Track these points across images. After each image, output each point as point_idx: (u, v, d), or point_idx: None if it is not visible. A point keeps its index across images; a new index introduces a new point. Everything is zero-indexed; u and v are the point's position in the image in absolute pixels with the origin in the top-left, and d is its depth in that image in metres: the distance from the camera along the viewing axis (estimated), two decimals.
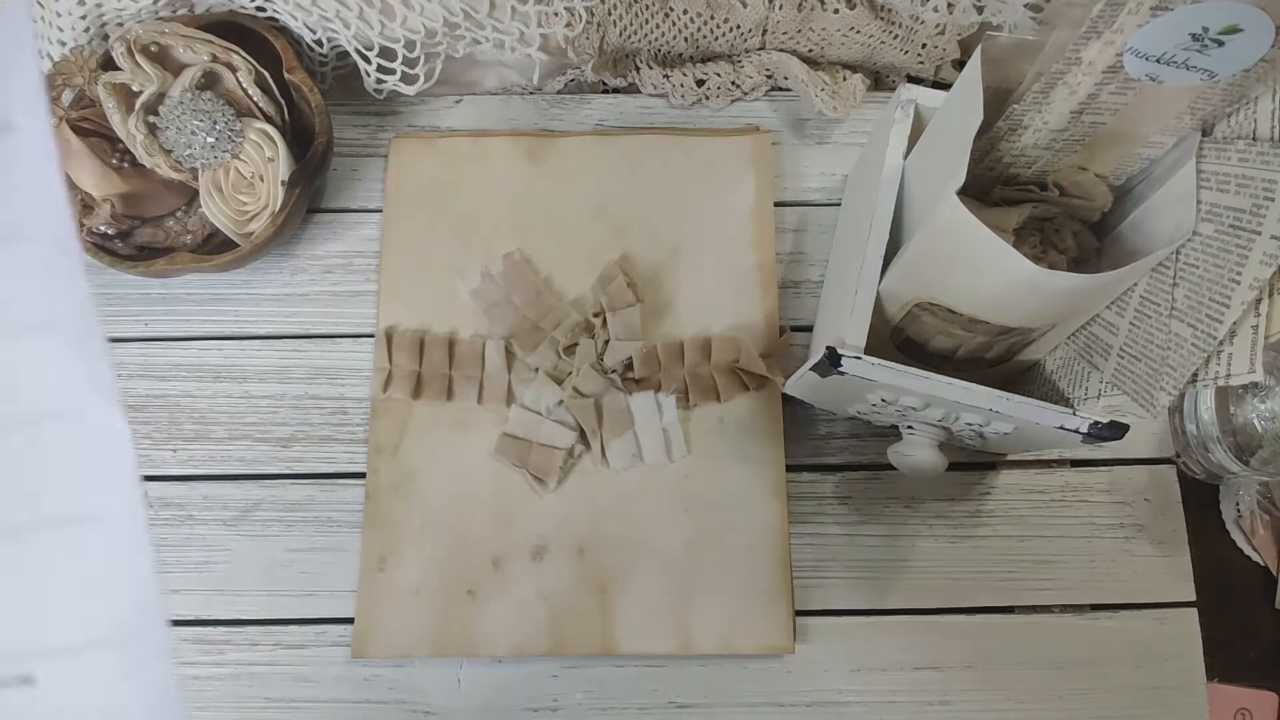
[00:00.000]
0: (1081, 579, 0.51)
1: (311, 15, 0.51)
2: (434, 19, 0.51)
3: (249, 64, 0.50)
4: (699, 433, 0.52)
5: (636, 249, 0.55)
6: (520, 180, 0.56)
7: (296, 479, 0.52)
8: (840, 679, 0.50)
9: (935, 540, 0.52)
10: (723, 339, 0.53)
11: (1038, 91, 0.39)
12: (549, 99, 0.59)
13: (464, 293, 0.54)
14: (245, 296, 0.55)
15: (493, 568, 0.50)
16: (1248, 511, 0.53)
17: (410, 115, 0.58)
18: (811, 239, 0.56)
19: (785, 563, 0.50)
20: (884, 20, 0.55)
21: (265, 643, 0.50)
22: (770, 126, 0.58)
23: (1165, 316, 0.38)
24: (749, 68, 0.57)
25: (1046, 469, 0.53)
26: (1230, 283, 0.34)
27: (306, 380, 0.54)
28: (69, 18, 0.49)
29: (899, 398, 0.43)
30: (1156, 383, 0.37)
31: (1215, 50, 0.33)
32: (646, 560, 0.50)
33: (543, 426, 0.51)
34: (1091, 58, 0.36)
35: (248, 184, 0.51)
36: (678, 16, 0.55)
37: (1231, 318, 0.34)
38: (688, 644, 0.49)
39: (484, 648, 0.49)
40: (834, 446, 0.53)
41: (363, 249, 0.56)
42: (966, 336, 0.44)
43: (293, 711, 0.49)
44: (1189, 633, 0.50)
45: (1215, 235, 0.36)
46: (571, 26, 0.53)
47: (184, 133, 0.49)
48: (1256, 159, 0.35)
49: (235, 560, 0.51)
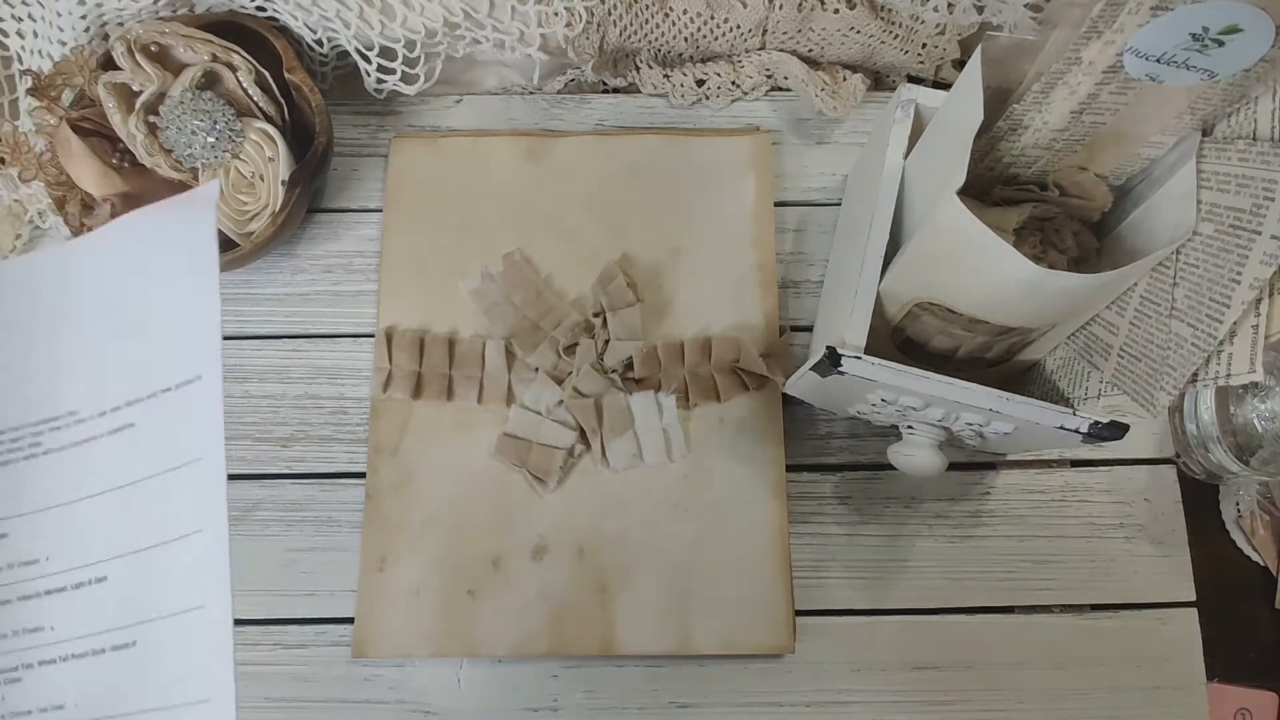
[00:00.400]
0: (1081, 579, 0.51)
1: (311, 15, 0.51)
2: (434, 19, 0.51)
3: (249, 64, 0.50)
4: (699, 433, 0.52)
5: (636, 249, 0.55)
6: (520, 180, 0.56)
7: (297, 479, 0.52)
8: (840, 679, 0.50)
9: (935, 540, 0.52)
10: (723, 339, 0.53)
11: (1038, 91, 0.39)
12: (549, 99, 0.59)
13: (464, 292, 0.54)
14: (245, 296, 0.55)
15: (493, 568, 0.50)
16: (1248, 511, 0.53)
17: (410, 115, 0.58)
18: (811, 239, 0.56)
19: (785, 563, 0.50)
20: (884, 20, 0.55)
21: (265, 643, 0.50)
22: (770, 126, 0.58)
23: (1165, 316, 0.38)
24: (749, 68, 0.57)
25: (1046, 469, 0.53)
26: (1230, 282, 0.34)
27: (306, 380, 0.54)
28: (69, 17, 0.49)
29: (899, 398, 0.43)
30: (1156, 383, 0.37)
31: (1215, 50, 0.33)
32: (646, 560, 0.50)
33: (543, 426, 0.51)
34: (1091, 58, 0.36)
35: (248, 184, 0.51)
36: (678, 16, 0.55)
37: (1231, 318, 0.34)
38: (688, 644, 0.49)
39: (484, 648, 0.49)
40: (834, 446, 0.53)
41: (363, 249, 0.56)
42: (966, 336, 0.44)
43: (293, 711, 0.49)
44: (1189, 633, 0.50)
45: (1215, 235, 0.36)
46: (571, 26, 0.53)
47: (184, 132, 0.49)
48: (1256, 159, 0.35)
49: (235, 560, 0.51)
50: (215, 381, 0.31)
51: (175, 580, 0.31)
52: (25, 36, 0.51)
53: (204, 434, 0.31)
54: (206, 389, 0.32)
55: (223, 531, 0.31)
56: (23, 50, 0.52)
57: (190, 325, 0.33)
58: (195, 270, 0.32)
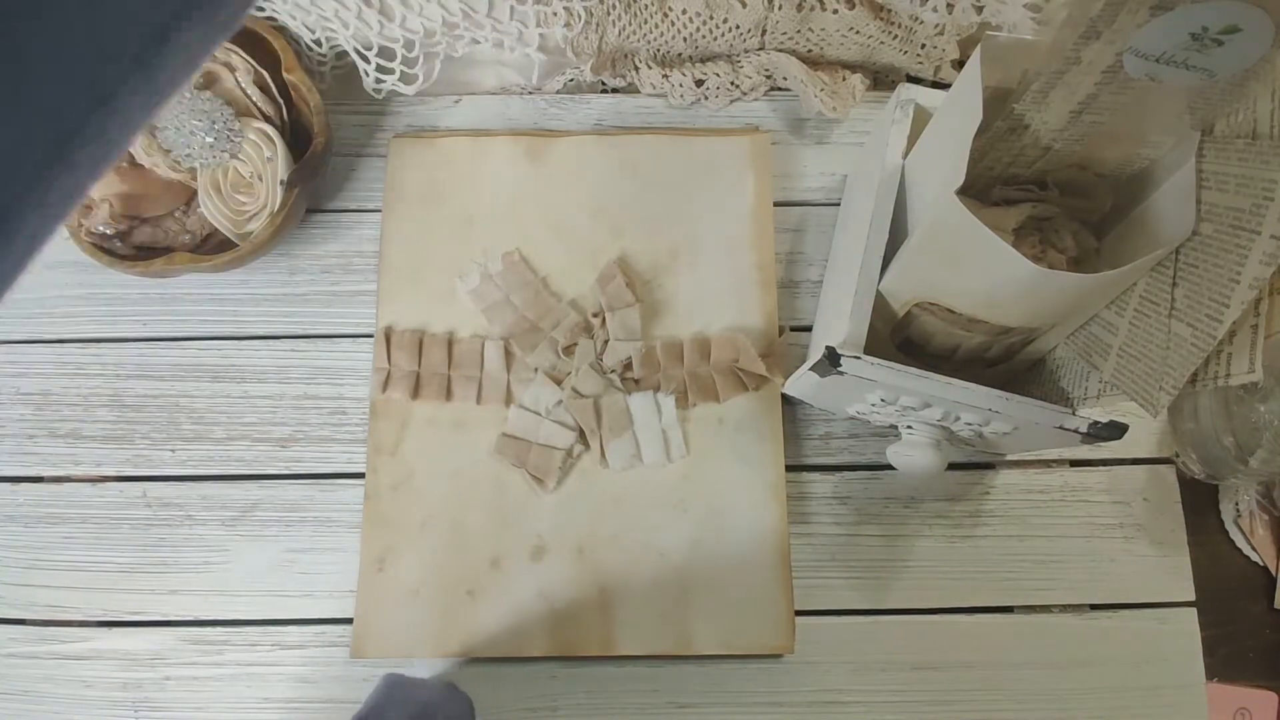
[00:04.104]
0: (1081, 579, 0.51)
1: (310, 15, 0.51)
2: (433, 19, 0.51)
3: (248, 64, 0.50)
4: (698, 433, 0.52)
5: (636, 249, 0.55)
6: (519, 180, 0.56)
7: (295, 479, 0.52)
8: (840, 679, 0.50)
9: (935, 540, 0.52)
10: (722, 339, 0.53)
11: (1037, 91, 0.39)
12: (548, 99, 0.59)
13: (463, 292, 0.54)
14: (244, 296, 0.55)
15: (492, 568, 0.50)
16: (1247, 511, 0.53)
17: (409, 115, 0.58)
18: (811, 239, 0.56)
19: (785, 563, 0.50)
20: (883, 20, 0.55)
21: (265, 643, 0.50)
22: (769, 126, 0.58)
23: (1165, 316, 0.38)
24: (748, 68, 0.57)
25: (1046, 469, 0.53)
26: (1230, 282, 0.34)
27: (305, 380, 0.54)
28: None
29: (898, 397, 0.43)
30: (1156, 382, 0.37)
31: (1215, 50, 0.33)
32: (646, 560, 0.50)
33: (542, 426, 0.51)
34: (1091, 58, 0.36)
35: (246, 184, 0.51)
36: (677, 16, 0.55)
37: (1231, 317, 0.34)
38: (687, 644, 0.49)
39: (484, 648, 0.49)
40: (834, 446, 0.53)
41: (361, 249, 0.56)
42: (966, 336, 0.44)
43: (292, 712, 0.49)
44: (1189, 633, 0.50)
45: (1215, 235, 0.36)
46: (570, 26, 0.53)
47: (183, 133, 0.49)
48: (1256, 158, 0.35)
49: (234, 560, 0.51)
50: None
51: None
52: None
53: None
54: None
55: None
56: None
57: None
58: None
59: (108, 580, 0.51)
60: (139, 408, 0.53)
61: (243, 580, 0.51)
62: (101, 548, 0.51)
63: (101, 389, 0.54)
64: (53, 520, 0.52)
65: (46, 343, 0.54)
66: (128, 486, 0.52)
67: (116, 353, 0.54)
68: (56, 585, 0.51)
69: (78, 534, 0.51)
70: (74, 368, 0.54)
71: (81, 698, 0.49)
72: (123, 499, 0.52)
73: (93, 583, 0.51)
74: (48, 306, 0.55)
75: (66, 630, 0.50)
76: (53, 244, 0.61)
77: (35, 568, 0.51)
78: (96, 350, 0.54)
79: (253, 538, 0.51)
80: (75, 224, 0.50)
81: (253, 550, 0.51)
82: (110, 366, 0.54)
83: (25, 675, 0.50)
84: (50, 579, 0.51)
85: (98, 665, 0.50)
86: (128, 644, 0.50)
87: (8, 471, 0.53)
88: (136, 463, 0.53)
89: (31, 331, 0.55)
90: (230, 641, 0.50)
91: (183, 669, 0.50)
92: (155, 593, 0.51)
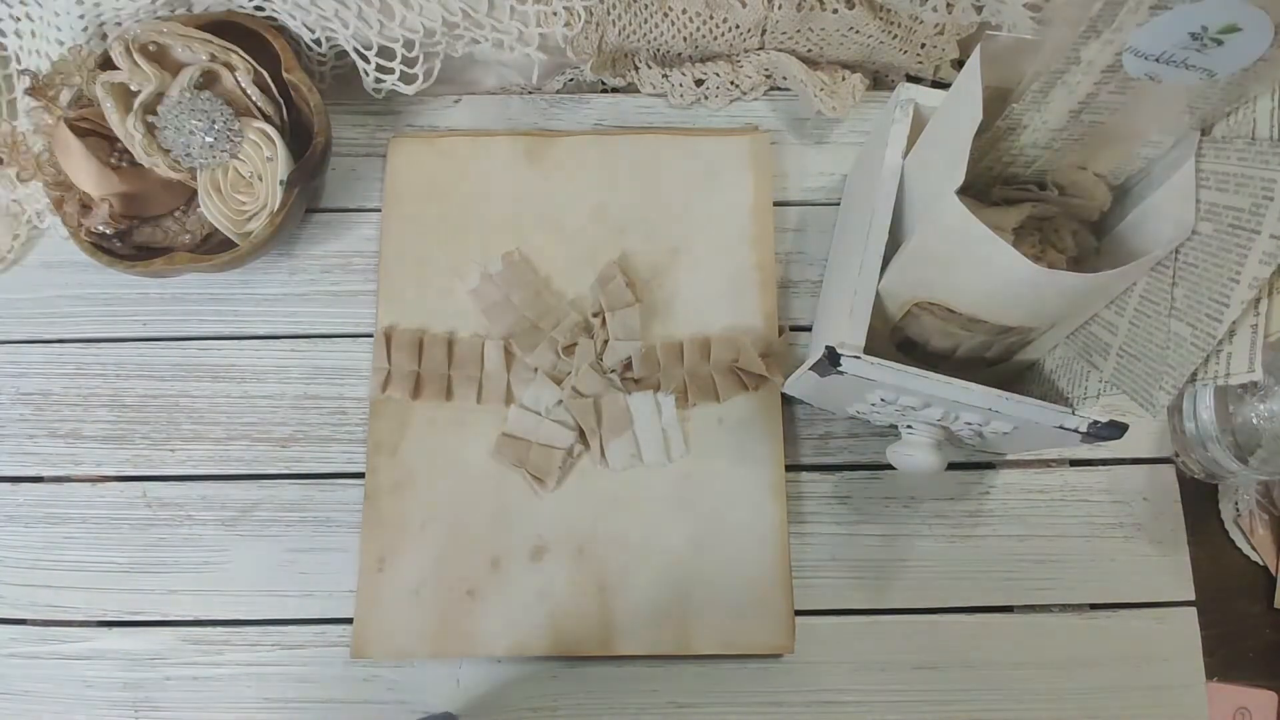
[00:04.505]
0: (1081, 579, 0.51)
1: (310, 14, 0.51)
2: (433, 18, 0.51)
3: (247, 63, 0.50)
4: (698, 432, 0.52)
5: (636, 249, 0.55)
6: (519, 180, 0.56)
7: (295, 479, 0.52)
8: (840, 679, 0.49)
9: (934, 540, 0.52)
10: (722, 339, 0.53)
11: (1037, 91, 0.39)
12: (548, 99, 0.59)
13: (463, 292, 0.54)
14: (244, 296, 0.55)
15: (492, 568, 0.50)
16: (1247, 511, 0.53)
17: (409, 115, 0.58)
18: (811, 239, 0.56)
19: (785, 562, 0.50)
20: (883, 20, 0.55)
21: (265, 643, 0.50)
22: (769, 126, 0.58)
23: (1165, 316, 0.38)
24: (748, 67, 0.57)
25: (1046, 469, 0.53)
26: (1230, 282, 0.34)
27: (305, 380, 0.54)
28: (68, 17, 0.49)
29: (898, 397, 0.43)
30: (1156, 382, 0.37)
31: (1214, 49, 0.33)
32: (646, 560, 0.50)
33: (542, 426, 0.51)
34: (1091, 57, 0.36)
35: (246, 183, 0.51)
36: (677, 16, 0.55)
37: (1231, 317, 0.34)
38: (687, 644, 0.49)
39: (484, 648, 0.49)
40: (833, 446, 0.53)
41: (361, 248, 0.56)
42: (966, 336, 0.44)
43: (292, 711, 0.49)
44: (1189, 632, 0.50)
45: (1214, 234, 0.36)
46: (570, 26, 0.53)
47: (182, 132, 0.49)
48: (1256, 158, 0.35)
49: (234, 560, 0.51)
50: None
51: None
52: (23, 36, 0.51)
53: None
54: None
55: None
56: (21, 50, 0.51)
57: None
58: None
59: (108, 580, 0.51)
60: (139, 408, 0.53)
61: (243, 580, 0.51)
62: (102, 548, 0.51)
63: (101, 389, 0.54)
64: (53, 520, 0.52)
65: (46, 343, 0.54)
66: (128, 486, 0.52)
67: (116, 353, 0.54)
68: (57, 585, 0.51)
69: (78, 534, 0.52)
70: (74, 368, 0.54)
71: (82, 698, 0.49)
72: (123, 499, 0.52)
73: (93, 583, 0.51)
74: (48, 306, 0.55)
75: (67, 630, 0.50)
76: (53, 244, 0.61)
77: (36, 568, 0.51)
78: (96, 350, 0.54)
79: (252, 538, 0.51)
80: (75, 224, 0.50)
81: (253, 550, 0.51)
82: (110, 366, 0.54)
83: (26, 675, 0.50)
84: (51, 579, 0.51)
85: (98, 665, 0.50)
86: (128, 644, 0.50)
87: (8, 471, 0.53)
88: (136, 463, 0.53)
89: (31, 331, 0.55)
90: (230, 641, 0.50)
91: (183, 669, 0.50)
92: (155, 593, 0.51)
